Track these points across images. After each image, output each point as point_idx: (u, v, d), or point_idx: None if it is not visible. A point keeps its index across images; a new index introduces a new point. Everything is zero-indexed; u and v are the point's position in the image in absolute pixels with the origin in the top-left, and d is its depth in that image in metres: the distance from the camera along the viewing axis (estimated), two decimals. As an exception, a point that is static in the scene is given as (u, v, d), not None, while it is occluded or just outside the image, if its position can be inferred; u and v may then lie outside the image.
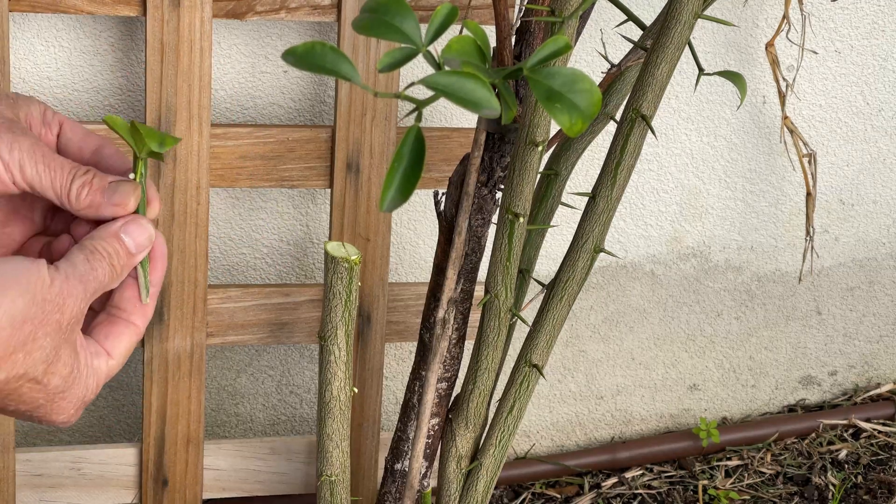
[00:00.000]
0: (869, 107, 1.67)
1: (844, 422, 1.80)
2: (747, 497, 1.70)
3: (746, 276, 1.72)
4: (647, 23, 1.19)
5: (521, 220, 1.08)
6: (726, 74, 1.10)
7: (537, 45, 1.08)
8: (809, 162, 1.64)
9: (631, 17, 1.16)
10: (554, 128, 1.11)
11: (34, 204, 1.00)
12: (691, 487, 1.71)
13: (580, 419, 1.74)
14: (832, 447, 1.77)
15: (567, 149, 1.21)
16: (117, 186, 0.97)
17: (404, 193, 0.80)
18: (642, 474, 1.72)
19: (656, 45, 1.05)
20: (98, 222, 0.96)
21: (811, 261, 1.72)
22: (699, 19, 1.05)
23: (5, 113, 0.97)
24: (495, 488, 1.65)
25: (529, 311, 1.27)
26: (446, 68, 0.82)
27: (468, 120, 1.50)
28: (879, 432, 1.80)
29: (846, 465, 1.75)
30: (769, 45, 1.57)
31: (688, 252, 1.68)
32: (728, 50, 1.59)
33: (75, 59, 1.38)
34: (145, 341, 1.39)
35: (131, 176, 0.96)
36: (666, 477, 1.72)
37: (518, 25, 1.10)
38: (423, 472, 1.20)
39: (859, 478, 1.73)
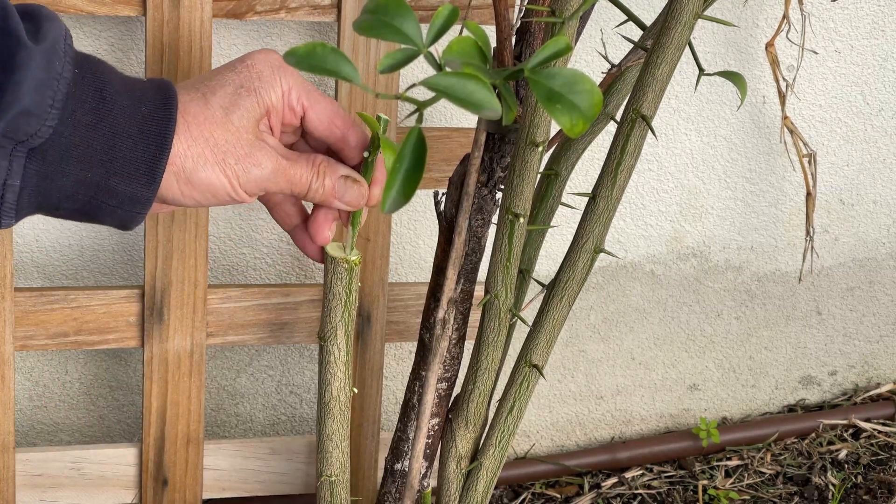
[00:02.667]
0: (869, 107, 1.67)
1: (844, 422, 1.80)
2: (747, 497, 1.70)
3: (746, 276, 1.72)
4: (648, 23, 1.19)
5: (522, 220, 1.09)
6: (726, 74, 1.10)
7: (538, 45, 1.08)
8: (809, 162, 1.64)
9: (631, 17, 1.16)
10: (554, 128, 1.11)
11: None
12: (691, 487, 1.71)
13: (580, 419, 1.74)
14: (832, 447, 1.77)
15: (567, 149, 1.21)
16: (346, 188, 1.11)
17: (406, 194, 0.80)
18: (642, 474, 1.72)
19: (656, 45, 1.05)
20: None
21: (811, 261, 1.72)
22: (699, 19, 1.05)
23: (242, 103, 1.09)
24: (495, 488, 1.65)
25: (529, 312, 1.27)
26: (447, 69, 0.82)
27: (468, 120, 1.50)
28: (879, 432, 1.80)
29: (846, 465, 1.75)
30: (769, 44, 1.57)
31: (688, 252, 1.68)
32: (728, 50, 1.59)
33: (75, 58, 1.38)
34: (145, 341, 1.39)
35: (365, 154, 1.10)
36: (666, 477, 1.72)
37: (518, 26, 1.10)
38: (423, 473, 1.20)
39: (859, 478, 1.73)
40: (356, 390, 1.19)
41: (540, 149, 1.06)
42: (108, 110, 1.02)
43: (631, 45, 1.23)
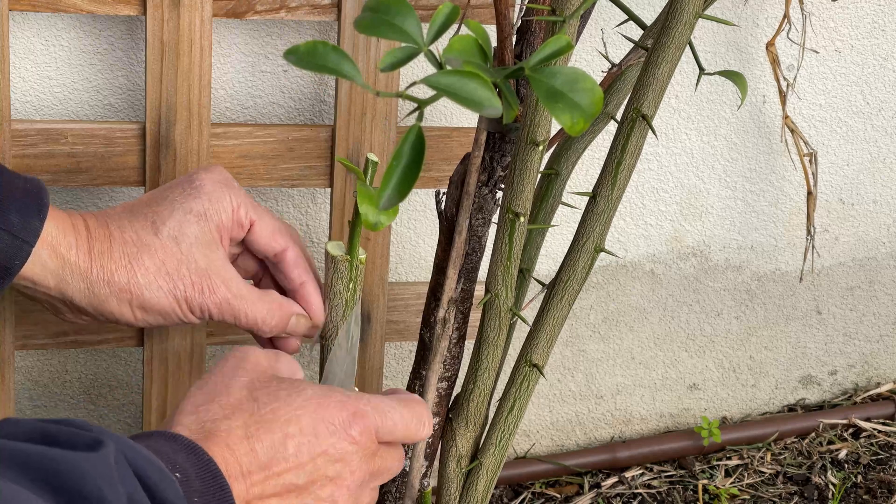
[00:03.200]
0: (869, 106, 1.67)
1: (844, 421, 1.80)
2: (747, 497, 1.70)
3: (746, 276, 1.72)
4: (648, 22, 1.19)
5: (522, 219, 1.08)
6: (727, 74, 1.10)
7: (538, 44, 1.08)
8: (810, 161, 1.64)
9: (632, 16, 1.16)
10: (555, 127, 1.11)
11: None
12: (691, 487, 1.71)
13: (580, 419, 1.74)
14: (832, 447, 1.77)
15: (568, 148, 1.21)
16: (297, 324, 1.16)
17: (401, 193, 0.80)
18: (642, 474, 1.72)
19: (657, 44, 1.05)
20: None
21: (811, 260, 1.72)
22: (700, 19, 1.05)
23: (196, 211, 1.13)
24: (495, 487, 1.65)
25: (530, 311, 1.27)
26: (447, 68, 0.82)
27: (469, 119, 1.50)
28: (879, 432, 1.80)
29: (846, 465, 1.75)
30: (769, 44, 1.57)
31: (688, 251, 1.68)
32: (728, 49, 1.59)
33: (75, 58, 1.38)
34: (145, 341, 1.39)
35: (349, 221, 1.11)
36: (666, 476, 1.72)
37: (519, 25, 1.10)
38: (423, 472, 1.20)
39: (859, 477, 1.73)
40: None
41: (541, 148, 1.05)
42: None
43: (631, 45, 1.23)
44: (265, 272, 1.22)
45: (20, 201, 1.04)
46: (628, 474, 1.72)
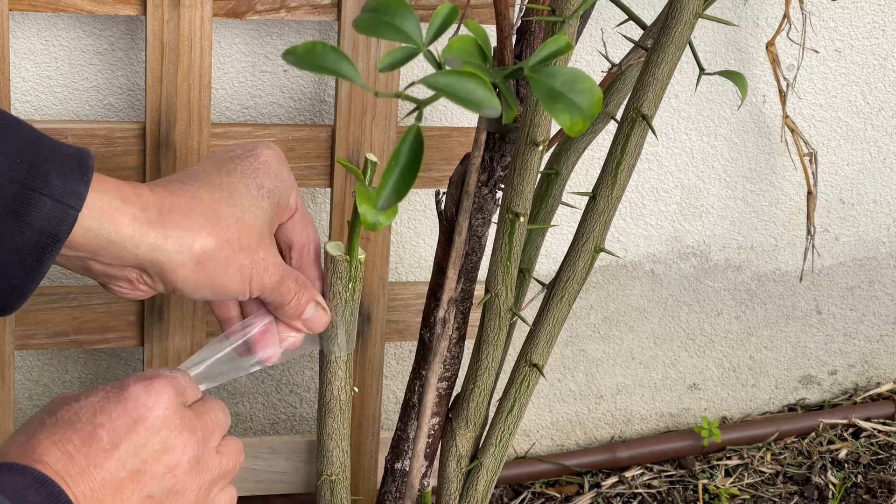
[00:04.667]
0: (869, 106, 1.67)
1: (844, 421, 1.80)
2: (747, 497, 1.70)
3: (746, 276, 1.72)
4: (648, 22, 1.19)
5: (522, 219, 1.08)
6: (727, 74, 1.10)
7: (538, 44, 1.08)
8: (810, 161, 1.64)
9: (632, 16, 1.16)
10: (554, 127, 1.11)
11: None
12: (691, 487, 1.71)
13: (580, 418, 1.74)
14: (832, 447, 1.77)
15: (567, 148, 1.21)
16: (315, 312, 1.12)
17: (400, 193, 0.80)
18: (642, 473, 1.72)
19: (657, 44, 1.05)
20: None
21: (811, 260, 1.72)
22: (700, 19, 1.05)
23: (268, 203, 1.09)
24: (495, 487, 1.65)
25: (530, 311, 1.27)
26: (447, 68, 0.82)
27: (468, 119, 1.50)
28: (879, 432, 1.80)
29: (846, 465, 1.75)
30: (769, 44, 1.57)
31: (688, 251, 1.68)
32: (728, 49, 1.59)
33: (75, 58, 1.38)
34: (145, 341, 1.39)
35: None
36: (666, 476, 1.72)
37: (519, 25, 1.10)
38: (423, 472, 1.20)
39: (859, 477, 1.73)
40: (356, 389, 1.19)
41: (540, 148, 1.05)
42: (27, 123, 1.01)
43: (631, 45, 1.23)
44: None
45: (61, 163, 0.99)
46: (628, 474, 1.72)
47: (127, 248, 1.02)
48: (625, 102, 1.11)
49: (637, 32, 1.29)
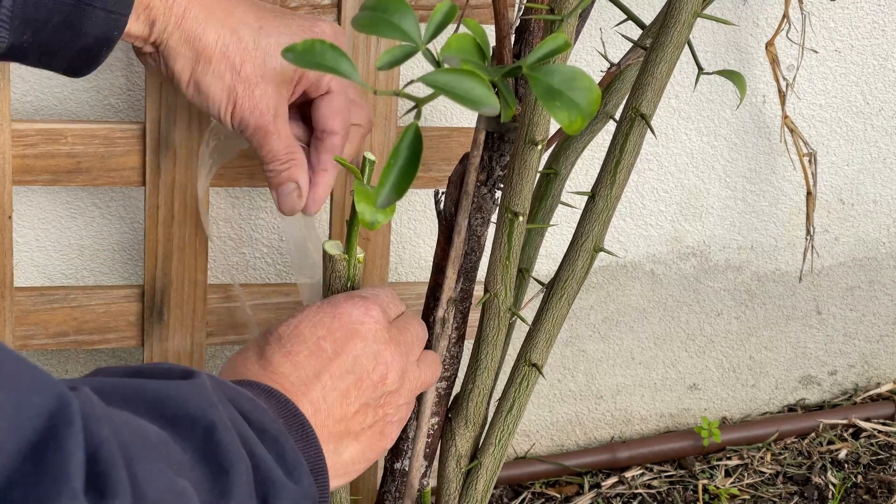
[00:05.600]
0: (869, 106, 1.67)
1: (844, 421, 1.80)
2: (747, 497, 1.70)
3: (746, 276, 1.72)
4: (647, 22, 1.19)
5: (521, 219, 1.08)
6: (726, 73, 1.10)
7: (537, 43, 1.08)
8: (810, 161, 1.64)
9: (630, 16, 1.16)
10: (553, 126, 1.11)
11: None
12: (691, 487, 1.71)
13: (580, 419, 1.74)
14: (832, 447, 1.77)
15: (567, 148, 1.21)
16: (289, 193, 1.19)
17: (398, 191, 0.80)
18: (642, 474, 1.72)
19: (656, 44, 1.05)
20: None
21: (811, 260, 1.72)
22: (699, 18, 1.05)
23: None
24: (495, 487, 1.65)
25: (529, 311, 1.27)
26: (446, 66, 0.82)
27: (468, 119, 1.50)
28: (879, 432, 1.80)
29: (846, 465, 1.75)
30: (769, 44, 1.57)
31: (688, 251, 1.68)
32: (728, 49, 1.59)
33: (75, 58, 1.38)
34: (145, 340, 1.39)
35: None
36: (666, 477, 1.72)
37: (517, 24, 1.10)
38: (422, 472, 1.20)
39: (859, 477, 1.73)
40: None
41: (539, 147, 1.06)
42: None
43: (630, 44, 1.23)
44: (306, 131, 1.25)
45: None
46: (628, 474, 1.72)
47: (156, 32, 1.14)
48: (624, 102, 1.11)
49: (636, 32, 1.29)
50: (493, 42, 0.99)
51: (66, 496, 0.64)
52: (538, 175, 1.10)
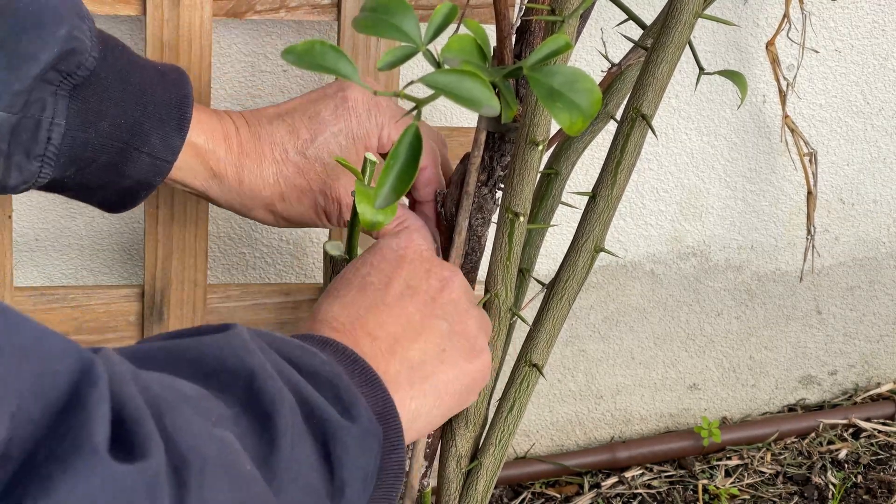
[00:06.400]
0: (869, 106, 1.67)
1: (844, 421, 1.80)
2: (747, 497, 1.70)
3: (746, 276, 1.72)
4: (648, 22, 1.19)
5: (522, 219, 1.08)
6: (727, 73, 1.10)
7: (538, 44, 1.08)
8: (810, 161, 1.64)
9: (631, 16, 1.16)
10: (554, 127, 1.11)
11: None
12: (691, 487, 1.71)
13: (580, 419, 1.74)
14: (832, 447, 1.77)
15: (567, 148, 1.21)
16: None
17: (398, 191, 0.80)
18: (642, 474, 1.72)
19: (657, 44, 1.05)
20: None
21: (811, 260, 1.72)
22: (699, 18, 1.05)
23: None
24: (495, 488, 1.65)
25: (529, 311, 1.27)
26: (446, 67, 0.82)
27: (468, 119, 1.50)
28: (879, 432, 1.80)
29: (846, 465, 1.75)
30: (769, 44, 1.57)
31: (688, 251, 1.68)
32: (728, 49, 1.59)
33: (75, 58, 1.38)
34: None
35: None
36: (666, 477, 1.72)
37: (518, 25, 1.10)
38: (423, 472, 1.20)
39: (859, 477, 1.73)
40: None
41: (540, 147, 1.05)
42: (136, 61, 1.09)
43: (631, 44, 1.23)
44: None
45: (162, 119, 1.09)
46: (628, 474, 1.72)
47: (209, 185, 1.15)
48: (624, 102, 1.11)
49: (637, 32, 1.29)
50: (493, 42, 0.99)
51: (87, 453, 0.63)
52: (539, 175, 1.10)
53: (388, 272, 1.00)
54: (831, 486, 1.71)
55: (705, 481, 1.71)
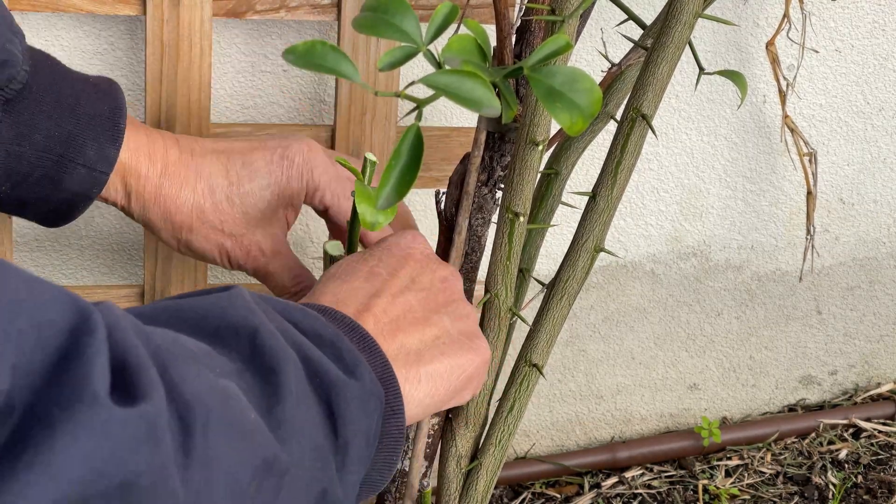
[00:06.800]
0: (869, 106, 1.67)
1: (844, 421, 1.80)
2: (747, 497, 1.70)
3: (747, 276, 1.72)
4: (648, 22, 1.19)
5: (522, 219, 1.08)
6: (727, 73, 1.10)
7: (538, 44, 1.08)
8: (810, 161, 1.64)
9: (631, 16, 1.16)
10: (554, 127, 1.11)
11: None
12: (691, 487, 1.71)
13: (580, 419, 1.74)
14: (832, 447, 1.77)
15: (567, 148, 1.21)
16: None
17: (399, 192, 0.80)
18: (642, 474, 1.72)
19: (657, 44, 1.05)
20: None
21: (811, 260, 1.72)
22: (700, 18, 1.05)
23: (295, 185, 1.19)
24: (495, 488, 1.65)
25: (529, 311, 1.27)
26: (446, 67, 0.82)
27: (468, 119, 1.50)
28: (879, 432, 1.80)
29: (846, 465, 1.75)
30: (769, 44, 1.57)
31: (688, 251, 1.68)
32: (728, 49, 1.59)
33: (75, 58, 1.38)
34: (145, 341, 1.39)
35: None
36: (666, 477, 1.72)
37: (518, 24, 1.10)
38: (422, 472, 1.20)
39: (859, 477, 1.73)
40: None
41: (540, 147, 1.05)
42: (67, 74, 1.09)
43: (631, 44, 1.23)
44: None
45: (97, 130, 1.09)
46: (628, 474, 1.72)
47: (128, 201, 1.15)
48: (624, 102, 1.11)
49: (637, 32, 1.29)
50: (493, 42, 0.99)
51: (86, 399, 0.63)
52: (539, 175, 1.10)
53: (394, 266, 1.01)
54: (831, 487, 1.71)
55: (705, 481, 1.71)
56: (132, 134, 1.13)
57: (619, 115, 1.18)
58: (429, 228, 1.56)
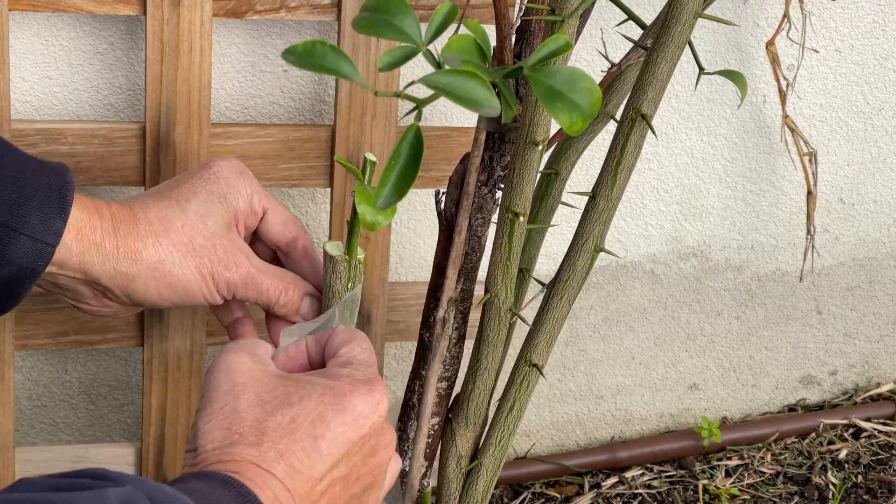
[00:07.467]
0: (869, 106, 1.67)
1: (844, 421, 1.80)
2: (747, 497, 1.70)
3: (747, 276, 1.72)
4: (648, 22, 1.19)
5: (522, 219, 1.08)
6: (727, 73, 1.10)
7: (538, 44, 1.08)
8: (810, 161, 1.64)
9: (631, 16, 1.16)
10: (554, 127, 1.11)
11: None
12: (691, 487, 1.71)
13: (580, 419, 1.74)
14: (832, 447, 1.77)
15: (567, 148, 1.21)
16: (310, 306, 1.17)
17: (399, 192, 0.80)
18: (642, 474, 1.72)
19: (656, 44, 1.05)
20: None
21: (812, 260, 1.72)
22: (699, 18, 1.05)
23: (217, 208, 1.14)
24: (495, 488, 1.65)
25: (529, 311, 1.27)
26: (446, 67, 0.82)
27: (468, 119, 1.50)
28: (880, 432, 1.80)
29: (846, 465, 1.75)
30: (769, 44, 1.57)
31: (688, 251, 1.68)
32: (728, 49, 1.59)
33: (75, 58, 1.38)
34: (145, 340, 1.39)
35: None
36: (666, 477, 1.72)
37: (518, 24, 1.10)
38: (423, 472, 1.20)
39: (859, 477, 1.73)
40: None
41: (540, 147, 1.05)
42: (11, 150, 1.06)
43: (631, 44, 1.23)
44: (275, 262, 1.23)
45: (42, 201, 1.05)
46: (628, 474, 1.72)
47: (93, 262, 1.10)
48: (624, 102, 1.11)
49: (637, 32, 1.29)
50: (493, 42, 0.99)
51: None
52: (539, 175, 1.10)
53: (340, 443, 0.96)
54: (831, 486, 1.71)
55: (705, 481, 1.71)
56: (77, 198, 1.09)
57: (618, 115, 1.18)
58: (429, 228, 1.56)
